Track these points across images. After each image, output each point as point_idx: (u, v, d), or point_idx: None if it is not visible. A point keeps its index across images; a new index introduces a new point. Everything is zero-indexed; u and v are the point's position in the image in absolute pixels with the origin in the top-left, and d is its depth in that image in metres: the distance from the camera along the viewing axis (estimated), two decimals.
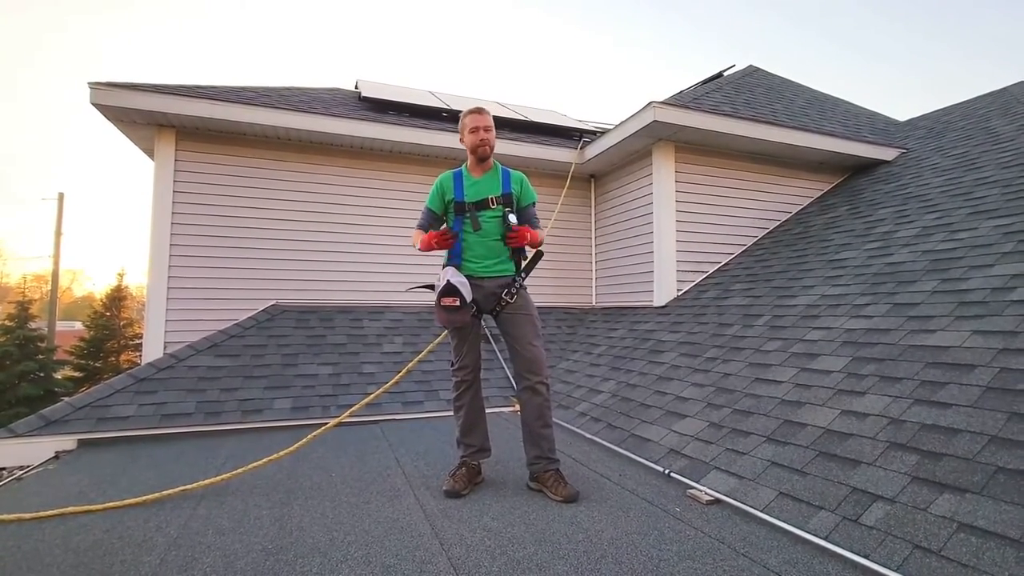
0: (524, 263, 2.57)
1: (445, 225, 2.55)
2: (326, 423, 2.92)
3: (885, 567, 1.58)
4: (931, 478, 1.81)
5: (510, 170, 2.58)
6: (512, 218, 2.46)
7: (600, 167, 5.90)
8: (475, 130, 2.48)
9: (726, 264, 5.16)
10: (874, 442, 2.09)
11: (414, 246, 2.56)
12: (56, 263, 15.14)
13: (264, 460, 2.62)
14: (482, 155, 2.50)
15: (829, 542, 1.76)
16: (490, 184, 2.51)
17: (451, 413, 2.66)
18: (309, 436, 2.76)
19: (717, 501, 2.20)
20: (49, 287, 15.86)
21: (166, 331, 4.48)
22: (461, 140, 2.57)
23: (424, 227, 2.57)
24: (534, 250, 2.62)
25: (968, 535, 1.56)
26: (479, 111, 2.53)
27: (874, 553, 1.65)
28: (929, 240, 3.53)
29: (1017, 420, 1.85)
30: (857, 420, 2.25)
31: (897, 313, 2.90)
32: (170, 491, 2.39)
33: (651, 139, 5.04)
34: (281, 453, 2.66)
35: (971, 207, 3.68)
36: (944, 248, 3.32)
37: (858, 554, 1.66)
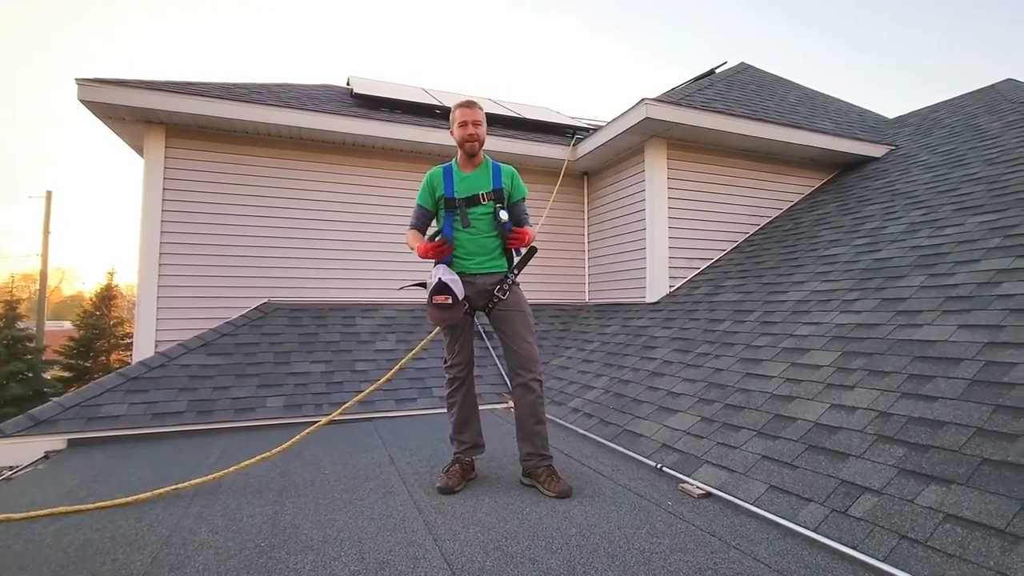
0: (516, 260, 2.57)
1: (440, 237, 2.42)
2: (319, 421, 2.92)
3: (873, 558, 1.60)
4: (918, 470, 1.84)
5: (501, 164, 2.57)
6: (503, 214, 2.45)
7: (593, 164, 5.91)
8: (464, 124, 2.45)
9: (718, 260, 5.20)
10: (862, 435, 2.11)
11: (409, 248, 2.49)
12: (44, 262, 14.97)
13: (256, 458, 2.61)
14: (470, 151, 2.48)
15: (818, 534, 1.78)
16: (480, 179, 2.49)
17: (444, 410, 2.67)
18: (302, 433, 2.75)
19: (708, 495, 2.22)
20: (38, 286, 15.68)
21: (157, 330, 4.45)
22: (451, 133, 2.54)
23: (417, 226, 2.55)
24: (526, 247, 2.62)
25: (954, 525, 1.59)
26: (469, 104, 2.49)
27: (862, 544, 1.67)
28: (916, 236, 3.57)
29: (1002, 412, 1.88)
30: (846, 413, 2.28)
31: (885, 308, 2.93)
32: (162, 490, 2.38)
33: (643, 136, 5.06)
34: (274, 451, 2.66)
35: (957, 203, 3.72)
36: (931, 244, 3.36)
37: (847, 545, 1.69)
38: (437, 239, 2.38)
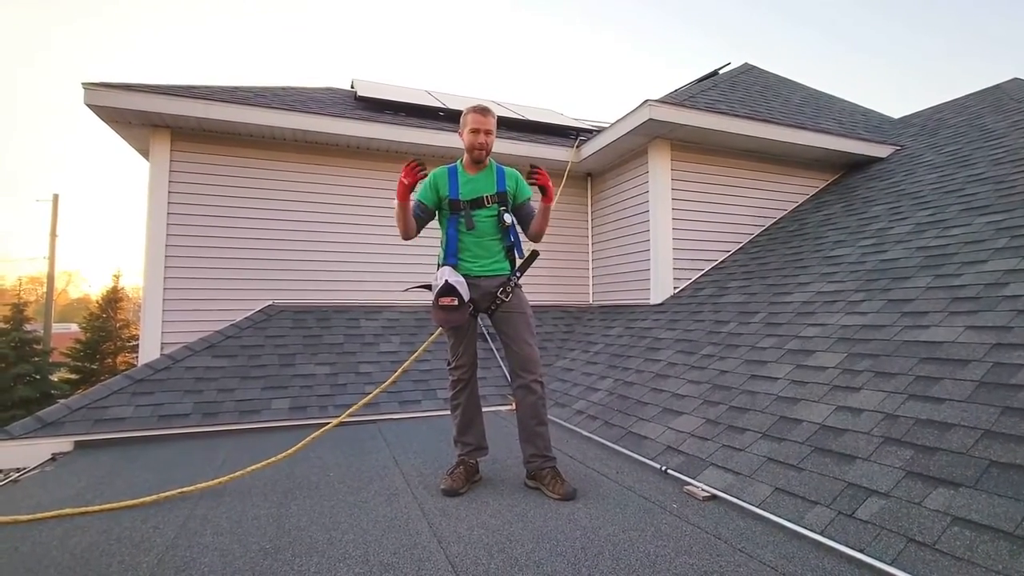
0: (519, 262, 2.57)
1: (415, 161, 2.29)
2: (324, 423, 2.92)
3: (880, 561, 1.59)
4: (925, 472, 1.82)
5: (504, 167, 2.57)
6: (508, 218, 2.46)
7: (596, 165, 5.90)
8: (476, 131, 2.44)
9: (722, 262, 5.18)
10: (869, 437, 2.10)
11: (399, 231, 2.42)
12: (51, 265, 15.06)
13: (262, 463, 2.61)
14: (477, 158, 2.48)
15: (825, 537, 1.77)
16: (485, 182, 2.50)
17: (448, 412, 2.67)
18: (307, 439, 2.75)
19: (714, 497, 2.21)
20: (44, 289, 15.78)
21: (163, 332, 4.47)
22: (460, 135, 2.54)
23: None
24: (533, 245, 2.61)
25: (962, 528, 1.58)
26: (484, 111, 2.47)
27: (869, 547, 1.66)
28: (923, 236, 3.55)
29: (1010, 414, 1.86)
30: (852, 416, 2.27)
31: (891, 309, 2.91)
32: (168, 492, 2.39)
33: (647, 137, 5.05)
34: (279, 456, 2.66)
35: (964, 203, 3.70)
36: (937, 244, 3.34)
37: (853, 548, 1.68)
38: (452, 236, 2.39)
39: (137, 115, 4.39)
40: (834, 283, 3.56)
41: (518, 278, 2.52)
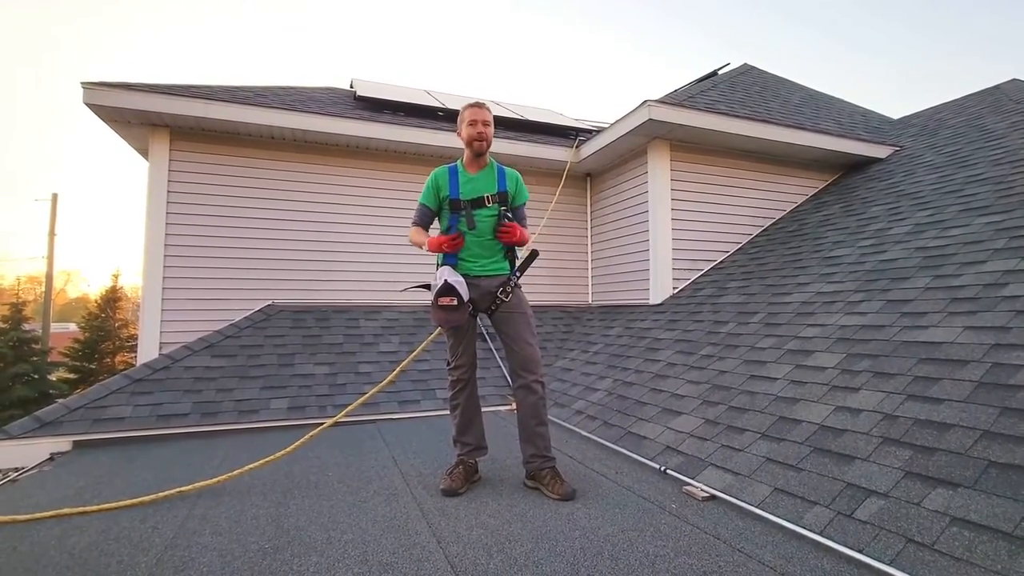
0: (519, 262, 2.57)
1: (455, 230, 2.45)
2: (323, 423, 2.92)
3: (879, 561, 1.59)
4: (924, 473, 1.82)
5: (505, 168, 2.58)
6: (508, 218, 2.46)
7: (596, 166, 5.91)
8: (473, 123, 2.46)
9: (721, 262, 5.18)
10: (868, 437, 2.10)
11: (411, 242, 2.52)
12: (50, 264, 15.04)
13: (260, 461, 2.61)
14: (478, 150, 2.48)
15: (824, 537, 1.77)
16: (486, 182, 2.50)
17: (447, 412, 2.67)
18: (306, 436, 2.75)
19: (713, 497, 2.21)
20: (43, 288, 15.76)
21: (161, 332, 4.46)
22: (459, 134, 2.54)
23: (420, 224, 2.55)
24: (526, 249, 2.62)
25: (961, 529, 1.58)
26: (479, 105, 2.51)
27: (868, 547, 1.66)
28: (922, 237, 3.55)
29: (1009, 415, 1.87)
30: (851, 416, 2.27)
31: (890, 309, 2.91)
32: (166, 492, 2.39)
33: (646, 137, 5.06)
34: (279, 454, 2.66)
35: (963, 204, 3.70)
36: (937, 245, 3.35)
37: (852, 548, 1.68)
38: (452, 232, 2.40)
39: (136, 114, 4.39)
40: (833, 283, 3.56)
41: (518, 278, 2.52)
